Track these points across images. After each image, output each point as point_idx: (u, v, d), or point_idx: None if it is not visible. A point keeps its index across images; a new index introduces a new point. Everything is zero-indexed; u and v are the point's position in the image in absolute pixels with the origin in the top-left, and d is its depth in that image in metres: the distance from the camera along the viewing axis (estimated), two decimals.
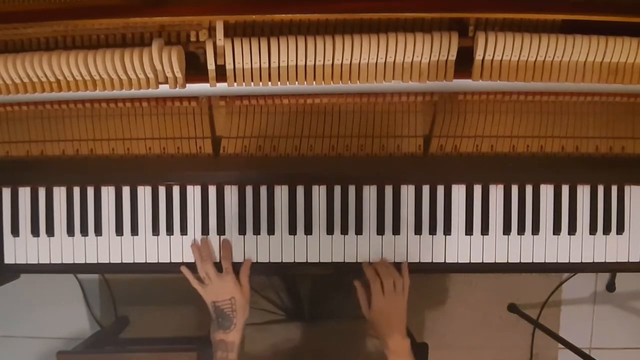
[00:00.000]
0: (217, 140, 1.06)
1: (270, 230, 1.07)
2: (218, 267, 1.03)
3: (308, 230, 1.07)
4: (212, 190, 1.08)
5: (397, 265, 1.04)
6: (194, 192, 1.08)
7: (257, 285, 1.18)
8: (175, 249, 1.08)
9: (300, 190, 1.07)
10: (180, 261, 1.08)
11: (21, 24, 0.98)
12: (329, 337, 1.13)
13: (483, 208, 1.06)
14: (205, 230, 1.08)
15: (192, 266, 1.07)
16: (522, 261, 1.07)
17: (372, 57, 0.94)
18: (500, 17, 0.97)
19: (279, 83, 0.97)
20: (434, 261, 1.06)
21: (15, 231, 1.10)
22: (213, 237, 1.08)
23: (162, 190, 1.08)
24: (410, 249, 1.07)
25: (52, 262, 1.09)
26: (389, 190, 1.06)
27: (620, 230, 1.07)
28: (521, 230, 1.06)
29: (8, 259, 1.10)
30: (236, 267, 1.03)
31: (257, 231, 1.07)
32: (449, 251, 1.07)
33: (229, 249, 1.06)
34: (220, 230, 1.07)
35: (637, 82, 0.98)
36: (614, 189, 1.07)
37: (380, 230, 1.06)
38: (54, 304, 1.91)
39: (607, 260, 1.07)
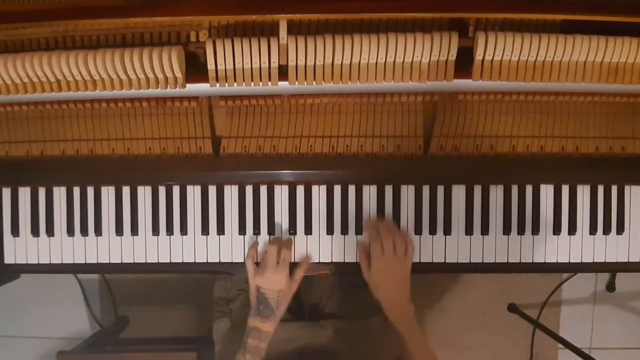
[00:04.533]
0: (217, 140, 1.06)
1: (271, 230, 1.07)
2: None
3: (308, 230, 1.07)
4: (212, 190, 1.08)
5: None
6: (194, 192, 1.08)
7: None
8: (175, 249, 1.08)
9: (300, 190, 1.07)
10: (180, 261, 1.08)
11: (21, 24, 0.98)
12: (329, 337, 1.13)
13: (483, 208, 1.06)
14: (205, 230, 1.08)
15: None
16: (522, 261, 1.07)
17: (372, 57, 0.94)
18: (500, 17, 0.97)
19: (278, 83, 0.97)
20: (434, 261, 1.06)
21: (15, 231, 1.10)
22: (213, 237, 1.08)
23: (162, 190, 1.08)
24: None
25: (52, 262, 1.10)
26: (389, 190, 1.06)
27: (620, 230, 1.07)
28: (521, 230, 1.06)
29: (8, 259, 1.10)
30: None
31: (257, 231, 1.07)
32: (449, 251, 1.07)
33: (291, 244, 1.06)
34: (220, 230, 1.07)
35: (637, 82, 0.97)
36: (614, 189, 1.07)
37: None
38: (54, 304, 1.91)
39: (607, 260, 1.07)
